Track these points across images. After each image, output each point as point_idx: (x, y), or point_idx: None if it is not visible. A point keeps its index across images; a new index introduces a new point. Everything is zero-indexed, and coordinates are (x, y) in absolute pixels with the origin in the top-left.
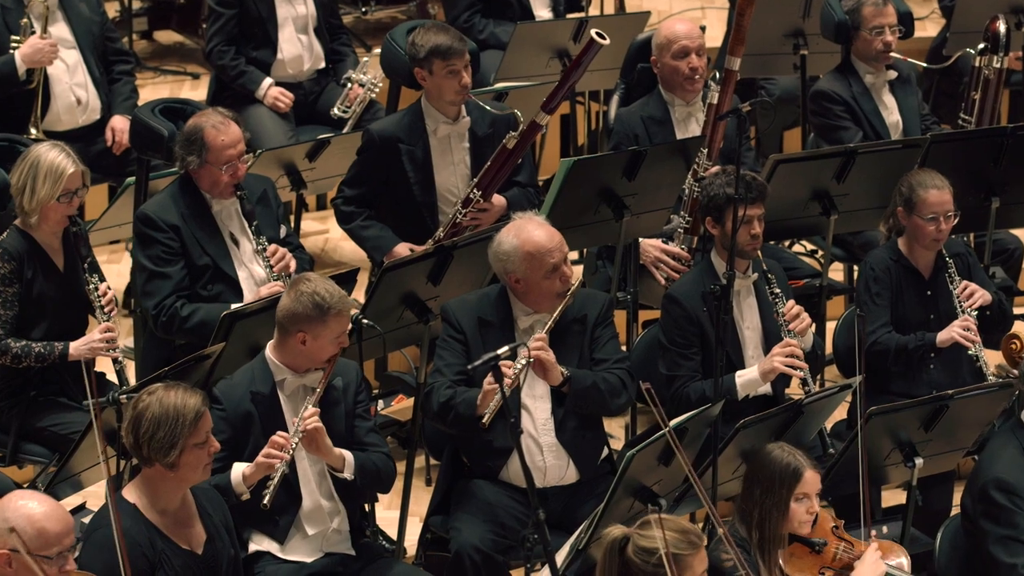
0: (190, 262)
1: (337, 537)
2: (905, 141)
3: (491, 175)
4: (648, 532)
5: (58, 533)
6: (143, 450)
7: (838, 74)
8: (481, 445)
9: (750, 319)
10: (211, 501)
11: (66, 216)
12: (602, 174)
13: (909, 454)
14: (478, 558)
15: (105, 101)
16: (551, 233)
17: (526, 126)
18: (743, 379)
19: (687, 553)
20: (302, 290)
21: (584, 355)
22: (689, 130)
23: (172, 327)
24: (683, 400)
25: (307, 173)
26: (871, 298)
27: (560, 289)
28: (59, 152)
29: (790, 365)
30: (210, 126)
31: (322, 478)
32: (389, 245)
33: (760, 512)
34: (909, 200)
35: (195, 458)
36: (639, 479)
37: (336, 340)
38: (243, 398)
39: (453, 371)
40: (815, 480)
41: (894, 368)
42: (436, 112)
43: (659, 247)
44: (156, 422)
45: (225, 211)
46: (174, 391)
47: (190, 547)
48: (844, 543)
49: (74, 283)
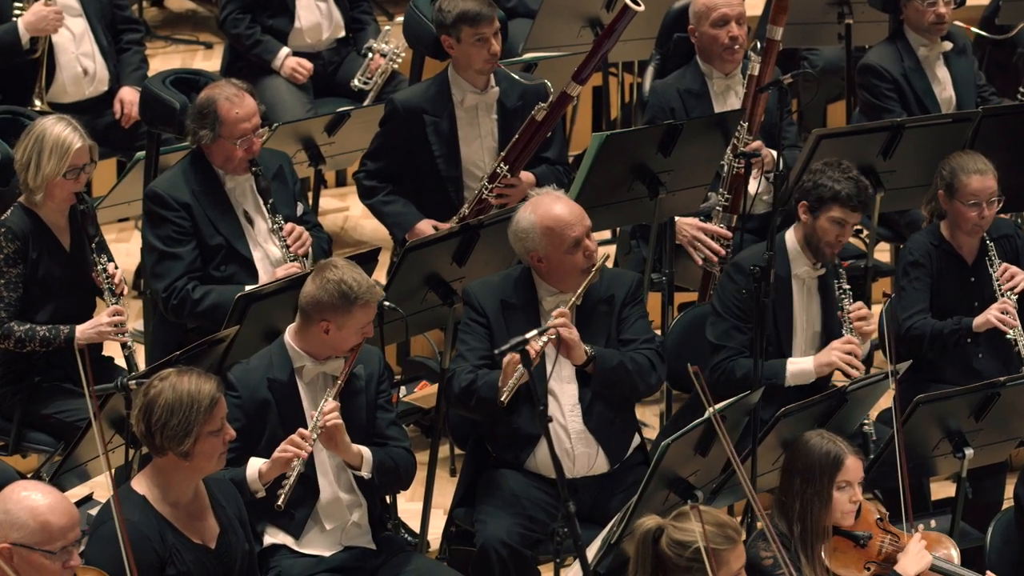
0: (202, 242)
1: (357, 530)
2: (955, 115)
3: (519, 149)
4: (684, 524)
5: (62, 527)
6: (155, 439)
7: (890, 46)
8: (506, 433)
9: (809, 312)
10: (225, 493)
11: (73, 193)
12: (636, 149)
13: (958, 444)
14: (505, 552)
15: (113, 72)
16: (571, 206)
17: (556, 97)
18: (795, 368)
19: (724, 548)
20: (328, 277)
21: (612, 336)
22: (728, 103)
23: (183, 311)
24: (727, 374)
25: (326, 148)
26: (909, 282)
27: (584, 264)
28: (65, 126)
29: (849, 364)
30: (224, 98)
31: (341, 470)
32: (412, 221)
33: (801, 503)
34: (951, 185)
35: (210, 447)
36: (675, 470)
37: (361, 331)
38: (259, 385)
39: (476, 356)
40: (857, 467)
41: (929, 355)
42: (464, 82)
43: (697, 225)
44: (169, 409)
45: (239, 188)
46: (187, 376)
47: (203, 541)
48: (890, 536)
49: (81, 264)
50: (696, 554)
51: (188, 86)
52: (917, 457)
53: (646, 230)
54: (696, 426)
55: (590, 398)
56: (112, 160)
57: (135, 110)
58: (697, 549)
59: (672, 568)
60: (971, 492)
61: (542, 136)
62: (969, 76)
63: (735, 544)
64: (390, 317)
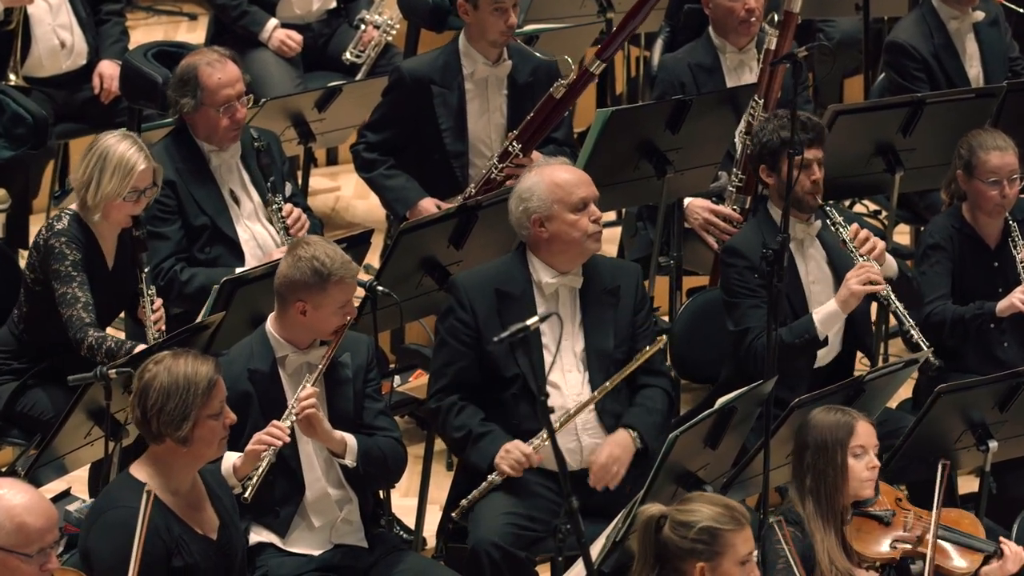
0: (186, 222)
1: (348, 527)
2: (978, 90)
3: (533, 127)
4: (688, 507)
5: (40, 528)
6: (152, 424)
7: (919, 21)
8: (507, 427)
9: (816, 270)
10: (220, 484)
11: (130, 216)
12: (642, 126)
13: (982, 436)
14: (497, 555)
15: (92, 44)
16: (579, 172)
17: (576, 75)
18: (821, 314)
19: (729, 528)
20: (300, 255)
21: (620, 331)
22: (741, 79)
23: (171, 292)
24: (759, 355)
25: (316, 124)
26: (929, 267)
27: (591, 231)
28: (131, 145)
29: (869, 283)
30: (205, 63)
31: (330, 465)
32: (414, 198)
33: (813, 477)
34: (969, 163)
35: (209, 431)
36: (683, 464)
37: (340, 310)
38: (240, 376)
39: (456, 368)
40: (870, 432)
41: (950, 341)
42: (476, 53)
43: (709, 208)
44: (165, 393)
45: (224, 165)
46: (183, 358)
47: (204, 532)
48: (912, 512)
49: (119, 286)
50: (700, 533)
51: (171, 59)
52: (938, 450)
53: (653, 211)
54: (706, 417)
55: None
56: (90, 137)
57: (115, 85)
58: (702, 528)
59: (677, 553)
60: (995, 487)
61: (559, 115)
62: (999, 49)
63: (742, 526)
64: (384, 303)
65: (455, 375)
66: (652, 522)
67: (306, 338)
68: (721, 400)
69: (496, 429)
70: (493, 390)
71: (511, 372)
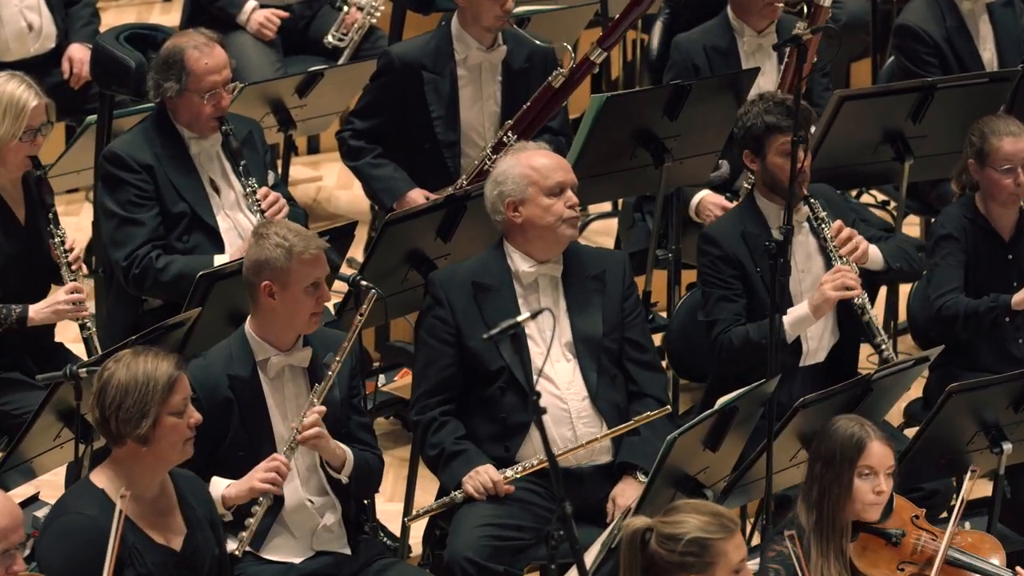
0: (164, 209)
1: (329, 535)
2: (992, 74)
3: (530, 117)
4: (673, 518)
5: (4, 528)
6: (111, 424)
7: (930, 2)
8: (492, 425)
9: (805, 262)
10: (195, 491)
11: (28, 158)
12: (639, 113)
13: (996, 438)
14: (472, 571)
15: (61, 27)
16: (557, 157)
17: (577, 63)
18: (791, 316)
19: (718, 537)
20: (263, 232)
21: (608, 317)
22: (759, 65)
23: (146, 281)
24: (724, 347)
25: (296, 111)
26: (941, 259)
27: (567, 215)
28: (19, 83)
29: (844, 288)
30: (192, 47)
31: (311, 473)
32: (403, 188)
33: (819, 489)
34: (981, 151)
35: (171, 430)
36: (681, 467)
37: (313, 291)
38: (220, 383)
39: (439, 376)
40: (884, 454)
41: (963, 335)
42: (469, 38)
43: (723, 205)
44: (123, 389)
45: (205, 153)
46: (143, 356)
47: (167, 542)
48: (926, 533)
49: (37, 239)
50: (690, 545)
51: (144, 43)
52: (949, 452)
53: (651, 202)
54: (705, 418)
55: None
56: (60, 125)
57: (85, 69)
58: (691, 540)
59: (666, 568)
60: (1009, 491)
61: (557, 105)
62: (1014, 30)
63: (732, 533)
64: (368, 298)
65: (437, 376)
66: (637, 536)
67: (285, 334)
68: (722, 400)
69: (470, 449)
70: (478, 386)
71: (495, 365)
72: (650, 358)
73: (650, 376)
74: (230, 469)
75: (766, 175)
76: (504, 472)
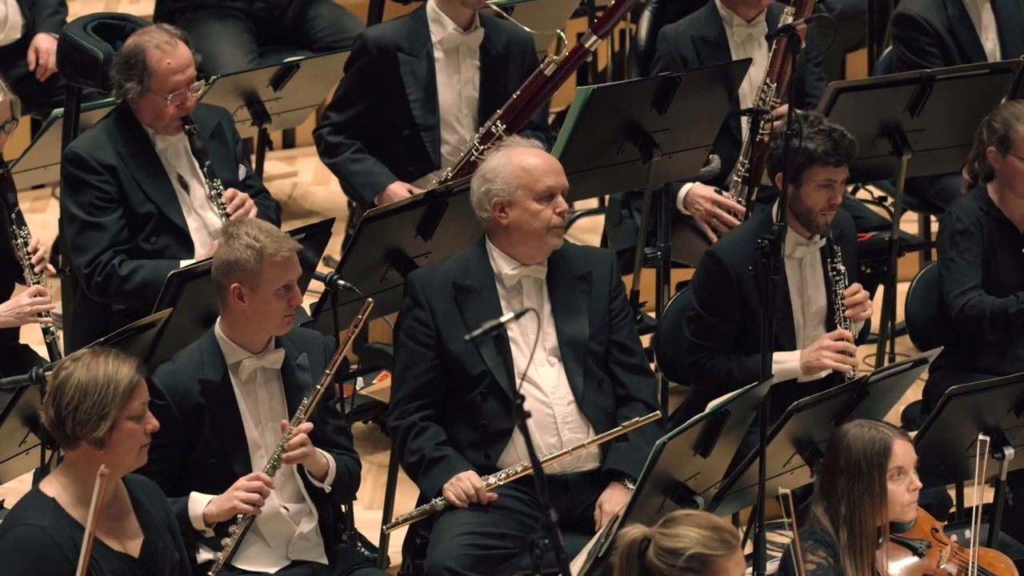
0: (130, 210)
1: (306, 543)
2: (993, 65)
3: (520, 106)
4: (673, 530)
5: None
6: (66, 425)
7: None
8: (473, 432)
9: (811, 294)
10: (150, 495)
11: None
12: (627, 105)
13: (997, 443)
14: None
15: (28, 16)
16: (551, 159)
17: (570, 50)
18: (780, 366)
19: (720, 554)
20: (232, 233)
21: (595, 319)
22: (749, 55)
23: (109, 288)
24: (705, 375)
25: (271, 104)
26: (959, 254)
27: (554, 223)
28: None
29: (842, 363)
30: (153, 46)
31: (287, 479)
32: (384, 182)
33: (848, 505)
34: (1005, 138)
35: (129, 435)
36: (671, 473)
37: (282, 294)
38: (190, 388)
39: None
40: (907, 449)
41: (989, 336)
42: (446, 19)
43: (712, 198)
44: (82, 390)
45: (171, 149)
46: (103, 356)
47: (124, 549)
48: (948, 547)
49: (1, 239)
50: (690, 561)
51: (113, 33)
52: (949, 458)
53: (638, 198)
54: (696, 422)
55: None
56: (26, 118)
57: (52, 60)
58: (691, 556)
59: None
60: (1012, 498)
61: (548, 94)
62: (1017, 19)
63: (733, 549)
64: (346, 298)
65: (416, 381)
66: (635, 546)
67: (256, 336)
68: (713, 403)
69: (451, 455)
70: (458, 391)
71: (477, 369)
72: (638, 361)
73: (639, 380)
74: (203, 476)
75: (794, 203)
76: (487, 479)
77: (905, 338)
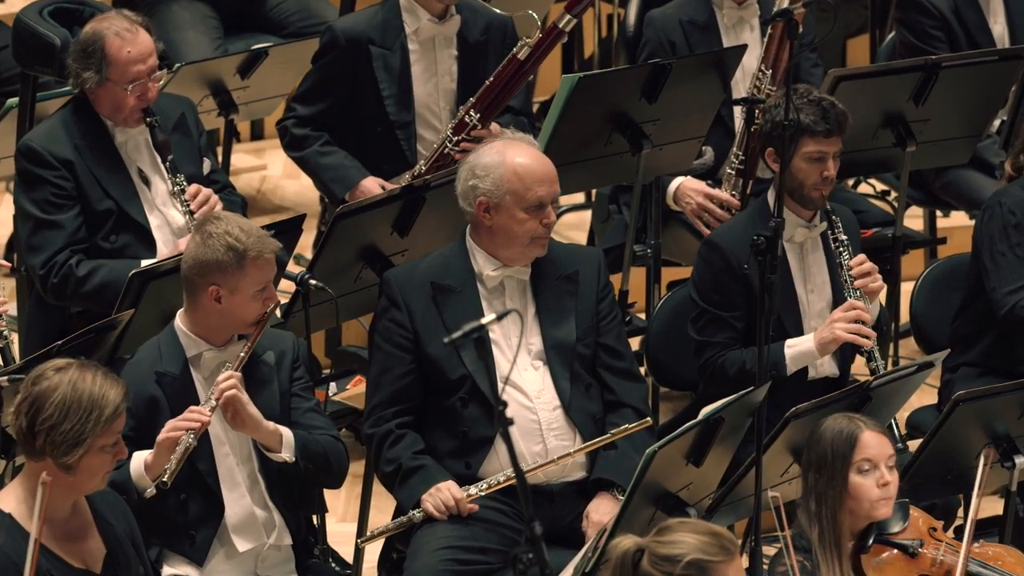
0: (88, 207)
1: (277, 556)
2: (1001, 51)
3: (493, 93)
4: (669, 537)
5: None
6: (37, 440)
7: None
8: (452, 445)
9: (816, 279)
10: (112, 508)
11: None
12: (615, 94)
13: (1007, 452)
14: None
15: None
16: (548, 164)
17: (544, 32)
18: (794, 350)
19: (718, 560)
20: (210, 231)
21: (582, 322)
22: (740, 38)
23: (66, 290)
24: (717, 374)
25: (238, 93)
26: (1010, 248)
27: (539, 234)
28: None
29: (856, 333)
30: (113, 34)
31: (255, 482)
32: (355, 177)
33: (816, 500)
34: None
35: (98, 463)
36: (662, 483)
37: (259, 294)
38: (146, 380)
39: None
40: (880, 443)
41: None
42: (419, 9)
43: (704, 192)
44: (64, 409)
45: (131, 142)
46: (91, 374)
47: (85, 565)
48: (945, 545)
49: None
50: (688, 568)
51: (71, 18)
52: (956, 467)
53: (628, 192)
54: (688, 430)
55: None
56: None
57: None
58: (689, 562)
59: None
60: (1022, 509)
61: (523, 79)
62: None
63: (731, 556)
64: (318, 298)
65: (392, 386)
66: (628, 557)
67: (222, 332)
68: (706, 410)
69: (430, 464)
70: (437, 397)
71: (457, 374)
72: (627, 365)
73: (628, 385)
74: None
75: (788, 178)
76: (467, 490)
77: (909, 341)
